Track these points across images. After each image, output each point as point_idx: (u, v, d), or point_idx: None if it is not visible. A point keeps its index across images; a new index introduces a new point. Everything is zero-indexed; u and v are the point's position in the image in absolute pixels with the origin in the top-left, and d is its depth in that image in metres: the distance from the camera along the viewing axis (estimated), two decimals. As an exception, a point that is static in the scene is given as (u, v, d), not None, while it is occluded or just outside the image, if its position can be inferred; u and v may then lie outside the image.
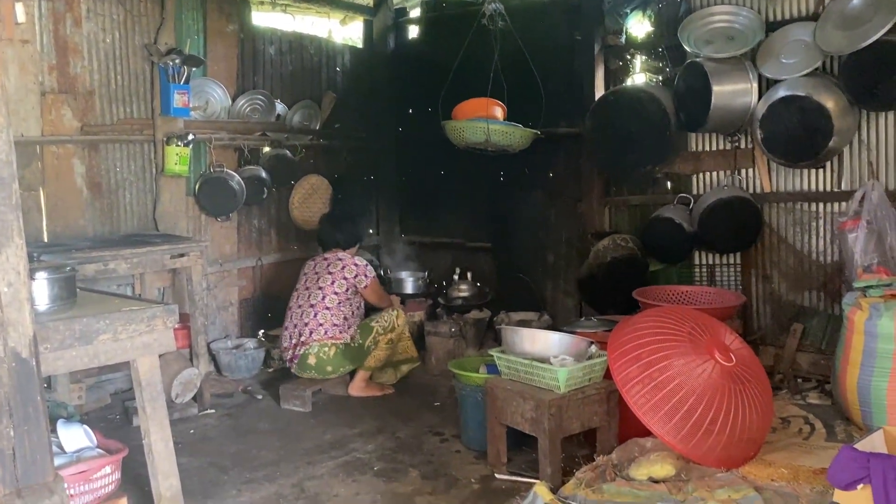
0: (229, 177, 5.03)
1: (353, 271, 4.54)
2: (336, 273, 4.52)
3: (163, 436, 2.83)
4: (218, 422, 4.17)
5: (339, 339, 4.37)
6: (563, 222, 5.47)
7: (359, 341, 4.41)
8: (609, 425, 3.33)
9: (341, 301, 4.45)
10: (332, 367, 4.38)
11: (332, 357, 4.36)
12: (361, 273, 4.56)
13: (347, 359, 4.40)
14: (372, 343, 4.41)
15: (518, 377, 3.35)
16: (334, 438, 3.87)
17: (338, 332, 4.39)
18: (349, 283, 4.51)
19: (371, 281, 4.59)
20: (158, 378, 2.82)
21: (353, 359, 4.41)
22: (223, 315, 5.27)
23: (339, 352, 4.36)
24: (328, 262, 4.59)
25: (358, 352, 4.40)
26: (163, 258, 4.17)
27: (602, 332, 3.77)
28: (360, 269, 4.57)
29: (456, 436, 3.82)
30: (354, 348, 4.39)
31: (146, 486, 2.96)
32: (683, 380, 2.96)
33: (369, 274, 4.59)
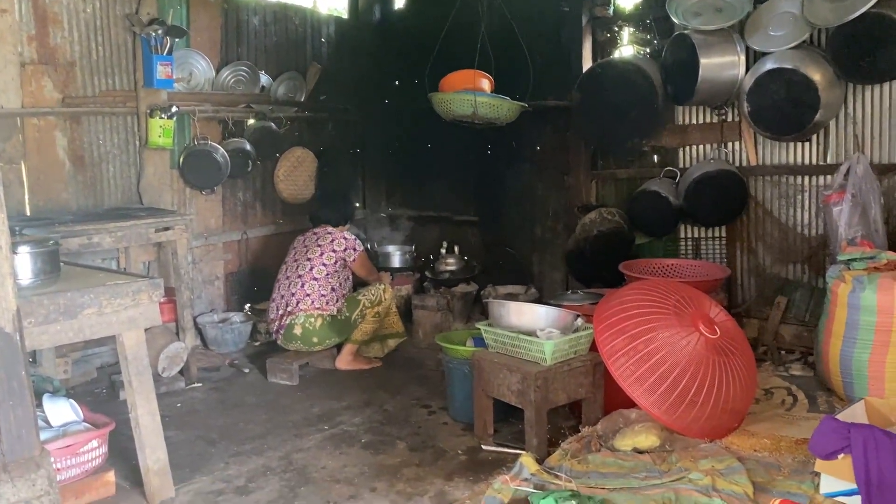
0: (214, 149, 4.98)
1: (342, 244, 4.53)
2: (325, 245, 4.51)
3: (149, 409, 2.83)
4: (205, 395, 4.17)
5: (326, 311, 4.37)
6: (550, 196, 5.47)
7: (345, 314, 4.41)
8: (594, 397, 3.35)
9: (329, 273, 4.45)
10: (317, 339, 4.39)
11: (319, 328, 4.36)
12: (350, 247, 4.55)
13: (334, 331, 4.40)
14: (359, 316, 4.42)
15: (505, 350, 3.37)
16: (322, 411, 3.89)
17: (325, 304, 4.39)
18: (338, 255, 4.50)
19: (360, 255, 4.59)
20: (144, 352, 2.81)
21: (340, 331, 4.42)
22: (209, 289, 5.25)
23: (326, 323, 4.36)
24: (318, 235, 4.58)
25: (344, 325, 4.41)
26: (147, 232, 4.14)
27: (588, 305, 3.79)
28: (349, 242, 4.55)
29: (443, 408, 3.85)
30: (341, 321, 4.40)
31: (133, 459, 2.97)
32: (668, 352, 2.98)
33: (358, 248, 4.59)
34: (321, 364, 4.56)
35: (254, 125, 5.32)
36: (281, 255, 4.75)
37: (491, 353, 3.42)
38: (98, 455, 2.93)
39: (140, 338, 2.79)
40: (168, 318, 4.35)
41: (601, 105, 4.75)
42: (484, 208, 5.86)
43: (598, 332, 3.12)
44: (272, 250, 5.56)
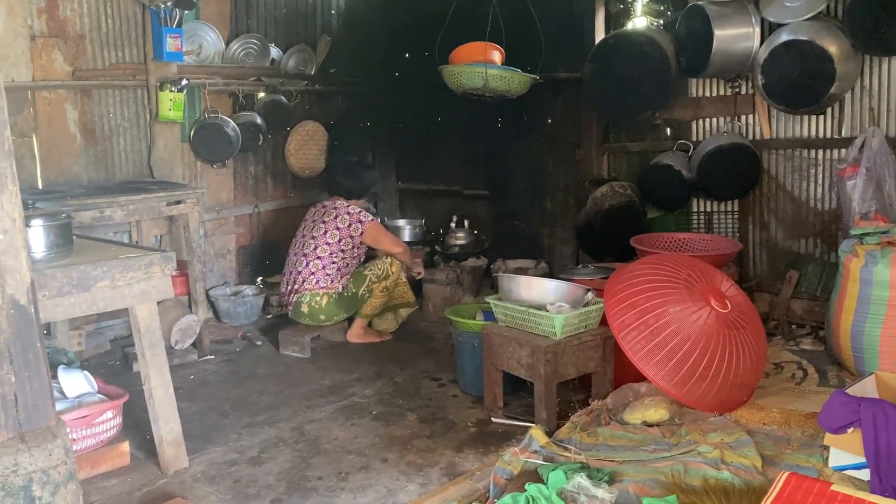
0: (224, 123, 4.97)
1: (346, 220, 4.44)
2: (329, 222, 4.45)
3: (163, 381, 2.86)
4: (217, 367, 4.21)
5: (332, 289, 4.36)
6: (561, 169, 5.44)
7: (352, 290, 4.39)
8: (604, 371, 3.36)
9: (333, 251, 4.40)
10: (325, 316, 4.40)
11: (325, 306, 4.37)
12: (355, 220, 4.45)
13: (342, 308, 4.41)
14: (366, 291, 4.40)
15: (514, 324, 3.37)
16: (333, 383, 3.92)
17: (329, 282, 4.37)
18: (342, 233, 4.42)
19: (369, 227, 4.45)
20: (157, 325, 2.83)
21: (348, 307, 4.42)
22: (221, 262, 5.28)
23: (332, 301, 4.37)
24: (325, 209, 4.54)
25: (352, 301, 4.41)
26: (159, 205, 4.15)
27: (599, 280, 3.78)
28: (353, 216, 4.45)
29: (453, 381, 3.87)
30: (348, 297, 4.39)
31: (147, 430, 3.00)
32: (679, 326, 2.98)
33: (364, 219, 4.46)
34: (332, 337, 4.58)
35: (264, 98, 5.30)
36: (292, 228, 4.76)
37: (501, 326, 3.43)
38: (113, 426, 2.97)
39: (153, 310, 2.81)
40: (180, 291, 4.38)
41: (613, 77, 4.70)
42: (494, 182, 5.84)
43: (609, 307, 3.12)
44: (283, 224, 5.56)
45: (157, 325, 2.83)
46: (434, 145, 6.09)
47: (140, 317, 2.79)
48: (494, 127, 5.71)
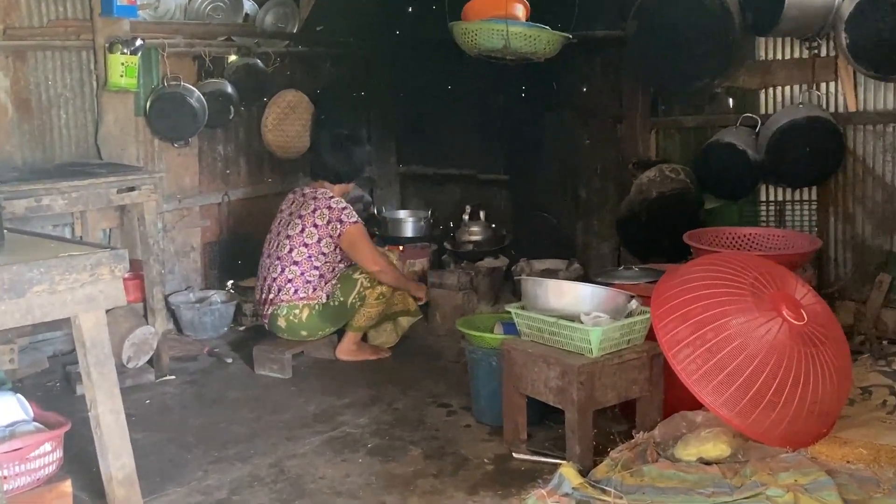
0: (187, 92, 4.98)
1: (325, 216, 4.37)
2: (306, 217, 4.39)
3: (112, 407, 2.86)
4: (179, 390, 4.22)
5: (313, 300, 4.35)
6: (598, 149, 5.42)
7: (339, 298, 4.37)
8: (651, 396, 3.35)
9: (312, 255, 4.37)
10: (307, 332, 4.41)
11: (306, 320, 4.37)
12: (335, 218, 4.37)
13: (327, 321, 4.40)
14: (357, 299, 4.37)
15: (541, 338, 3.37)
16: (319, 410, 3.92)
17: (311, 292, 4.36)
18: (321, 231, 4.37)
19: (350, 229, 4.38)
20: (106, 338, 2.83)
21: (335, 319, 4.42)
22: (184, 262, 5.29)
23: (316, 313, 4.36)
24: (304, 200, 4.48)
25: (339, 311, 4.39)
26: (108, 192, 4.15)
27: (645, 284, 3.77)
28: (333, 212, 4.38)
29: (465, 407, 3.86)
30: (334, 308, 4.38)
31: (94, 465, 3.00)
32: (743, 342, 2.97)
33: (347, 219, 4.38)
34: (319, 353, 4.59)
35: (236, 63, 5.31)
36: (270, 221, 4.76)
37: (524, 341, 3.43)
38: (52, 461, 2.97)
39: (100, 320, 2.81)
40: (134, 297, 4.38)
41: (663, 36, 4.68)
42: (516, 165, 5.82)
43: (658, 318, 3.11)
44: (259, 215, 5.56)
45: (105, 338, 2.83)
46: (443, 120, 6.07)
47: (85, 328, 2.79)
48: (517, 98, 5.68)
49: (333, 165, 4.57)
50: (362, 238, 4.44)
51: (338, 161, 4.57)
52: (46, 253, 2.75)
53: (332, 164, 4.57)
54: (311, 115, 5.76)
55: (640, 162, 5.12)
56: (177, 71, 5.00)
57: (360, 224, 4.46)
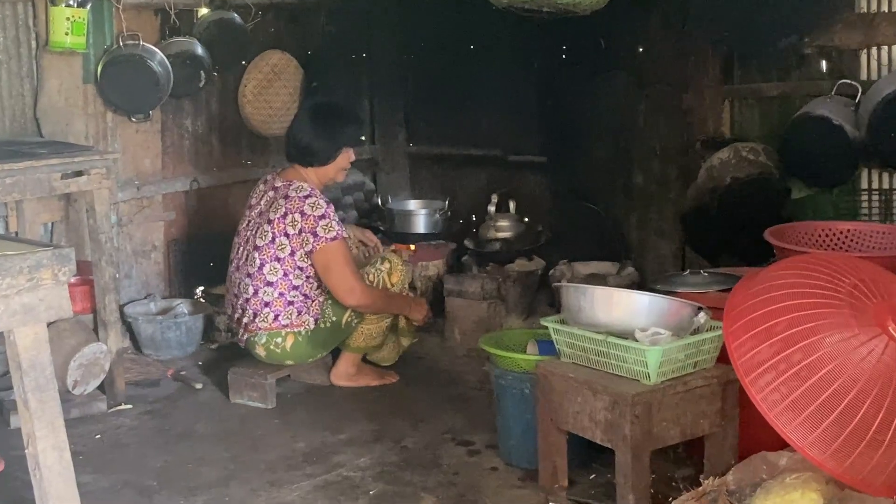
0: (148, 54, 4.99)
1: (296, 223, 4.25)
2: (276, 223, 4.27)
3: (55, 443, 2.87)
4: (137, 422, 4.23)
5: (299, 326, 4.34)
6: (658, 124, 5.39)
7: (331, 318, 4.36)
8: (724, 433, 3.34)
9: (288, 271, 4.30)
10: (293, 360, 4.42)
11: (291, 349, 4.36)
12: (308, 230, 4.23)
13: (318, 346, 4.40)
14: (353, 317, 4.36)
15: (586, 360, 3.36)
16: (310, 447, 3.92)
17: (295, 317, 4.34)
18: (293, 243, 4.27)
19: (325, 247, 4.25)
20: (47, 358, 2.84)
21: (328, 343, 4.42)
22: (143, 264, 5.31)
23: (304, 340, 4.36)
24: (275, 197, 4.34)
25: (333, 333, 4.38)
26: (50, 178, 4.17)
27: (715, 293, 3.76)
28: (307, 221, 4.24)
29: (491, 446, 3.86)
30: (326, 330, 4.37)
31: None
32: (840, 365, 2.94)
33: (324, 234, 4.23)
34: (309, 377, 4.60)
35: (207, 17, 5.32)
36: (248, 213, 4.76)
37: (564, 364, 3.42)
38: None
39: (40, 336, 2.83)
40: (82, 306, 4.41)
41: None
42: (555, 144, 5.81)
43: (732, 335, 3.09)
44: (236, 206, 5.57)
45: (46, 358, 2.84)
46: (463, 88, 6.06)
47: (21, 345, 2.80)
48: (556, 60, 5.67)
49: (306, 143, 4.43)
50: (339, 260, 4.29)
51: (311, 137, 4.43)
52: (-26, 252, 2.77)
53: (304, 142, 4.44)
54: (300, 83, 5.77)
55: (711, 140, 5.11)
56: (135, 28, 5.02)
57: (340, 241, 4.29)
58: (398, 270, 4.48)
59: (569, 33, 5.26)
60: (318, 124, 4.47)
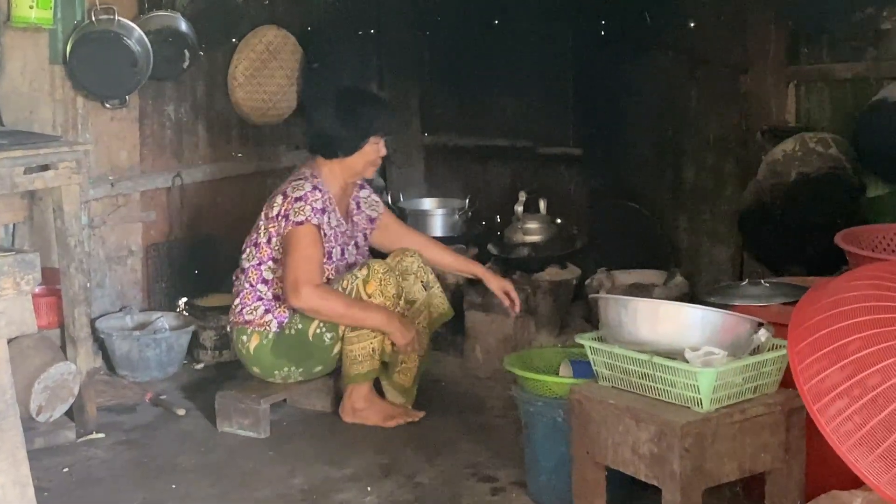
0: (124, 31, 5.02)
1: (275, 207, 4.36)
2: (265, 208, 4.44)
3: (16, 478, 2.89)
4: (111, 454, 4.24)
5: (262, 325, 4.37)
6: (711, 111, 5.42)
7: (297, 325, 4.36)
8: (788, 468, 3.33)
9: (263, 260, 4.39)
10: (259, 369, 4.43)
11: (254, 352, 4.39)
12: (282, 213, 4.33)
13: (282, 356, 4.38)
14: (324, 329, 4.32)
15: (628, 383, 3.35)
16: (309, 483, 3.92)
17: (259, 314, 4.37)
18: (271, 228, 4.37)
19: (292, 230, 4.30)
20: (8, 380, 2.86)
21: (296, 357, 4.38)
22: (118, 272, 5.34)
23: (268, 344, 4.37)
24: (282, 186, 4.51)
25: (298, 343, 4.36)
26: (11, 173, 4.20)
27: (779, 306, 3.75)
28: (287, 202, 4.33)
29: (518, 482, 3.86)
30: (290, 338, 4.36)
31: (-10, 560, 3.04)
32: (923, 391, 2.93)
33: (294, 216, 4.30)
34: (309, 403, 4.60)
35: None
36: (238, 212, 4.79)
37: (603, 388, 3.42)
38: (-69, 552, 3.01)
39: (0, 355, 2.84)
40: (48, 321, 4.42)
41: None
42: (592, 134, 5.82)
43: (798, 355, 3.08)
44: (224, 205, 5.61)
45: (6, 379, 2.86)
46: (487, 71, 6.08)
47: (-22, 365, 2.82)
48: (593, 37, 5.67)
49: (329, 130, 4.51)
50: (296, 247, 4.31)
51: (335, 123, 4.49)
52: (-75, 258, 2.79)
53: (327, 128, 4.51)
54: (298, 63, 5.79)
55: (774, 130, 5.11)
56: (110, 1, 5.04)
57: (307, 227, 4.31)
58: (377, 279, 4.33)
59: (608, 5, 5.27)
60: (343, 109, 4.51)
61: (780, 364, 3.28)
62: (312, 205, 4.31)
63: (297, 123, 5.93)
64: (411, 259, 4.54)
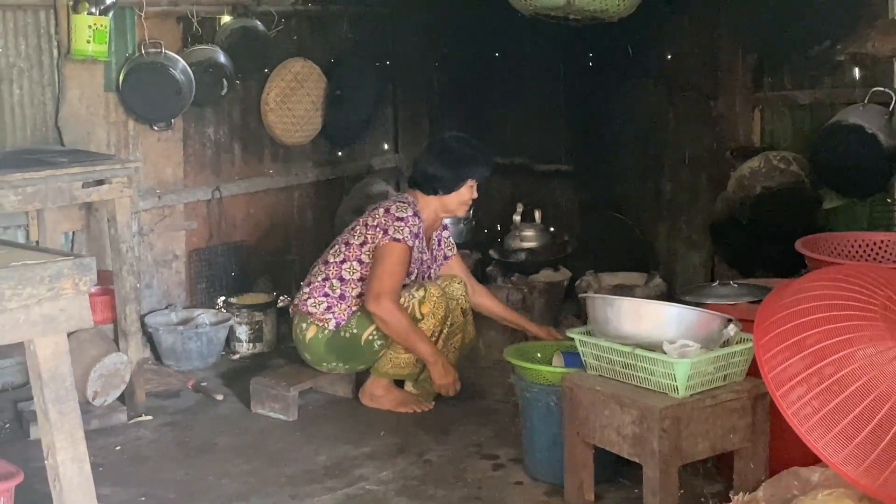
0: (170, 62, 5.03)
1: (376, 217, 4.35)
2: (366, 214, 4.46)
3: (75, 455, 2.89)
4: (157, 434, 4.25)
5: (322, 321, 4.35)
6: (687, 132, 5.41)
7: (352, 330, 4.35)
8: (754, 448, 3.33)
9: (347, 259, 4.38)
10: (311, 357, 4.43)
11: (309, 342, 4.38)
12: (382, 226, 4.31)
13: (333, 353, 4.38)
14: (375, 337, 4.33)
15: (613, 372, 3.36)
16: (332, 461, 3.93)
17: (321, 310, 4.35)
18: (369, 233, 4.36)
19: (387, 244, 4.29)
20: (68, 368, 2.86)
21: (345, 355, 4.39)
22: (164, 274, 5.34)
23: (322, 339, 4.36)
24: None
25: (350, 346, 4.36)
26: (71, 187, 4.21)
27: (746, 305, 3.75)
28: (388, 218, 4.31)
29: (516, 460, 3.86)
30: (344, 340, 4.35)
31: (52, 527, 3.04)
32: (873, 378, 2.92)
33: (393, 233, 4.28)
34: (332, 389, 4.60)
35: (230, 25, 5.36)
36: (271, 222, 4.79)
37: (591, 376, 3.42)
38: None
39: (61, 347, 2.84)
40: (102, 317, 4.43)
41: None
42: (581, 152, 5.81)
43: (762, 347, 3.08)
44: (258, 215, 5.62)
45: (66, 368, 2.86)
46: (488, 96, 6.08)
47: (42, 356, 2.82)
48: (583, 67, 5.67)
49: (432, 169, 4.48)
50: (388, 260, 4.29)
51: (438, 164, 4.48)
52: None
53: (430, 168, 4.48)
54: (322, 91, 5.79)
55: (741, 149, 5.11)
56: (157, 35, 5.05)
57: (402, 246, 4.29)
58: (432, 301, 4.33)
59: (596, 40, 5.27)
60: (446, 152, 4.51)
61: (747, 355, 3.29)
62: (410, 228, 4.33)
63: (321, 143, 5.95)
64: (458, 286, 4.50)
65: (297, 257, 5.81)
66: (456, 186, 4.45)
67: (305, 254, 5.80)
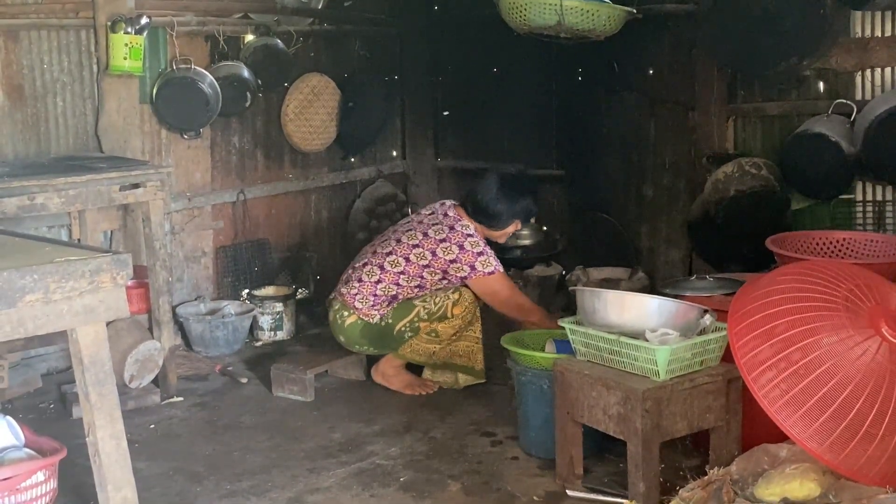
0: (199, 77, 5.03)
1: (452, 253, 4.29)
2: (428, 241, 4.32)
3: (113, 432, 2.90)
4: (187, 413, 4.26)
5: (367, 316, 4.33)
6: (667, 140, 5.40)
7: (388, 320, 4.33)
8: (728, 426, 3.32)
9: (406, 273, 4.31)
10: (345, 339, 4.42)
11: (348, 328, 4.38)
12: (466, 262, 4.28)
13: (366, 338, 4.38)
14: (407, 328, 4.32)
15: (600, 358, 3.35)
16: (345, 438, 3.94)
17: (368, 306, 4.32)
18: (436, 264, 4.30)
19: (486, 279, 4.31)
20: (106, 354, 2.87)
21: (376, 341, 4.39)
22: (193, 269, 5.34)
23: (359, 327, 4.36)
24: (441, 222, 4.39)
25: (384, 334, 4.36)
26: (109, 190, 4.21)
27: (720, 297, 3.74)
28: (465, 255, 4.28)
29: (512, 437, 3.86)
30: (379, 329, 4.35)
31: (91, 498, 3.04)
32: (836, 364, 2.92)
33: (482, 268, 4.29)
34: (346, 373, 4.60)
35: (253, 43, 5.36)
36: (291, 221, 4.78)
37: (580, 362, 3.41)
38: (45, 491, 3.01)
39: (100, 334, 2.85)
40: (138, 307, 4.43)
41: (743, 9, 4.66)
42: (572, 159, 5.81)
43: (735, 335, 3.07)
44: (279, 216, 5.61)
45: (105, 354, 2.87)
46: (487, 108, 6.08)
47: (83, 343, 2.83)
48: (573, 82, 5.68)
49: (486, 205, 4.44)
50: (506, 290, 4.42)
51: (492, 200, 4.44)
52: (40, 258, 2.79)
53: (485, 203, 4.44)
54: (337, 103, 5.79)
55: (716, 155, 5.10)
56: (187, 53, 5.06)
57: (500, 275, 4.35)
58: (464, 305, 4.34)
59: (585, 57, 5.28)
60: (502, 191, 4.46)
61: (722, 343, 3.29)
62: (492, 255, 4.36)
63: (335, 150, 5.95)
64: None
65: (314, 254, 5.82)
66: (506, 224, 4.49)
67: (321, 251, 5.83)
